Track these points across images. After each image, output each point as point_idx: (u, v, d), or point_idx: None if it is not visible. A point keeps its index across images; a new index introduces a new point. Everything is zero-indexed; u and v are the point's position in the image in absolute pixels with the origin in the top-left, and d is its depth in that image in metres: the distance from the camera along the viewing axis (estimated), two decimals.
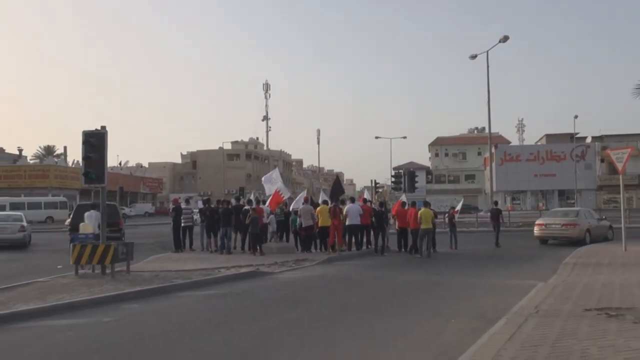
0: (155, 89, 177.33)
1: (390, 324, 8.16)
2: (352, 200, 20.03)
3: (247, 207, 18.95)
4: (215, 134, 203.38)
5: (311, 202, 20.92)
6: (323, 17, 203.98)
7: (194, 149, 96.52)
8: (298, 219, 19.13)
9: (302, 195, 22.17)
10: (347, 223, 18.54)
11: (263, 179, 22.37)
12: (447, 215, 23.09)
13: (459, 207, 25.29)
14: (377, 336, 7.37)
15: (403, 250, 19.33)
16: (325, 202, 19.87)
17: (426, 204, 19.51)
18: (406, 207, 19.68)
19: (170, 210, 20.13)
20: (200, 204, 21.31)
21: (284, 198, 21.23)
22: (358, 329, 7.85)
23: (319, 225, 18.62)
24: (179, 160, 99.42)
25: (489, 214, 23.69)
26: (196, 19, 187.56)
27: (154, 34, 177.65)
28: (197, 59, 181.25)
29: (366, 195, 25.05)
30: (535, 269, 13.99)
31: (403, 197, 22.98)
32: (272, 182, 21.19)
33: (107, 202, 14.02)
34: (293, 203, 21.63)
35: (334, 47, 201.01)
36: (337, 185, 23.38)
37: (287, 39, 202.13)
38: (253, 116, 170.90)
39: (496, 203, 24.71)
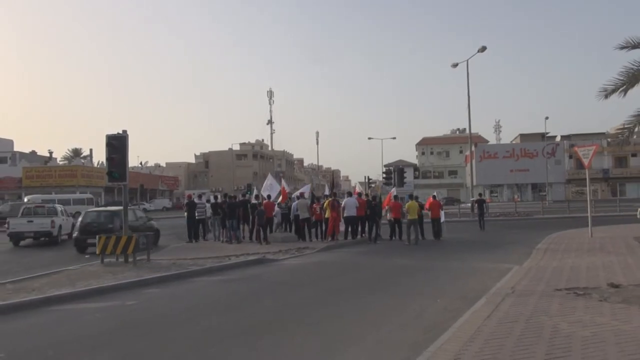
0: (173, 98, 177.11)
1: (382, 304, 8.16)
2: (350, 194, 20.03)
3: (254, 201, 18.94)
4: (225, 137, 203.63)
5: (311, 196, 20.95)
6: (323, 30, 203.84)
7: (207, 150, 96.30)
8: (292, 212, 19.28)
9: (306, 189, 22.20)
10: (344, 214, 18.57)
11: (262, 190, 22.16)
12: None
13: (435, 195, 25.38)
14: (371, 314, 7.37)
15: (394, 238, 19.32)
16: (326, 196, 20.02)
17: (412, 197, 19.54)
18: (398, 200, 19.90)
19: (184, 205, 20.07)
20: (212, 199, 21.16)
21: (288, 192, 21.34)
22: (353, 308, 7.85)
23: (326, 216, 18.64)
24: (193, 160, 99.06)
25: (475, 204, 24.93)
26: (211, 38, 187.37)
27: (171, 50, 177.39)
28: (209, 70, 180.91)
29: (358, 188, 24.81)
30: (511, 254, 13.92)
31: (394, 191, 22.99)
32: (271, 188, 21.20)
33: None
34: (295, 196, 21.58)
35: (333, 57, 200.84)
36: (334, 181, 23.71)
37: (288, 49, 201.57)
38: (259, 120, 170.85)
39: (480, 194, 25.60)
